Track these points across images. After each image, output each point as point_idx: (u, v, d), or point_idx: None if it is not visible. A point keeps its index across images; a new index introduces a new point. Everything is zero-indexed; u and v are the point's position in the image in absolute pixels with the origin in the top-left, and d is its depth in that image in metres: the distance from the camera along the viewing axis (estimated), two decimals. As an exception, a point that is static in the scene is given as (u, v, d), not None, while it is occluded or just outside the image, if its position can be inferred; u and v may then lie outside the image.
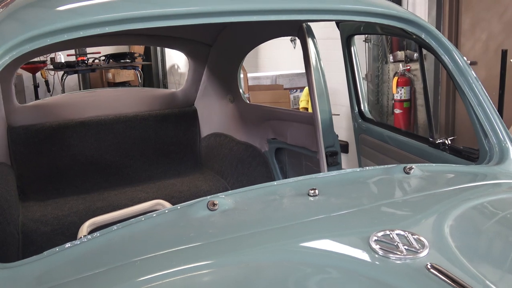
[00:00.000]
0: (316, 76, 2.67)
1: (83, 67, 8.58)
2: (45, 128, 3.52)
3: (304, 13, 1.83)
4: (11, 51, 1.38)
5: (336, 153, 2.72)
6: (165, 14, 1.57)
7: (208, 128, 3.96)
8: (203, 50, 3.70)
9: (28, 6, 1.70)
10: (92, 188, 3.60)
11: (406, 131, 3.00)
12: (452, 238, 1.19)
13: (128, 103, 3.83)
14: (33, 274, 1.19)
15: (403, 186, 1.55)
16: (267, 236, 1.23)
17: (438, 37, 1.92)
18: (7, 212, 2.90)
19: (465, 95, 1.91)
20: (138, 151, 3.81)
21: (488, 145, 1.86)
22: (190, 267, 1.13)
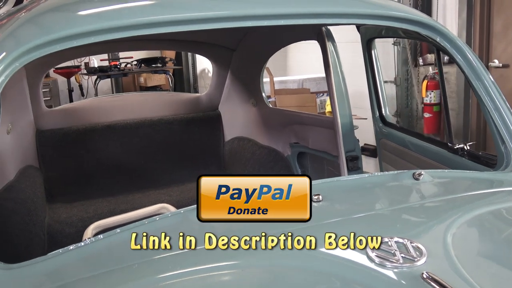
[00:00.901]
0: (336, 80, 2.67)
1: (116, 71, 8.74)
2: (72, 131, 3.61)
3: (322, 17, 1.86)
4: (28, 53, 1.42)
5: (356, 158, 2.70)
6: (189, 19, 1.62)
7: (231, 132, 3.98)
8: (226, 55, 3.73)
9: (50, 11, 1.75)
10: (117, 191, 3.67)
11: (425, 135, 2.95)
12: (454, 246, 1.17)
13: (153, 107, 3.89)
14: (36, 274, 1.23)
15: (410, 193, 1.53)
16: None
17: (453, 40, 1.89)
18: (33, 213, 2.98)
19: (482, 99, 1.87)
20: (162, 154, 3.86)
21: (505, 150, 1.82)
22: (187, 271, 1.15)
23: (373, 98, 2.97)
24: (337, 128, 2.66)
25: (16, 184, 2.92)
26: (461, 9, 5.54)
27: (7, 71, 1.36)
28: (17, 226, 2.76)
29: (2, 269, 1.22)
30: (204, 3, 1.78)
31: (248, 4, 1.79)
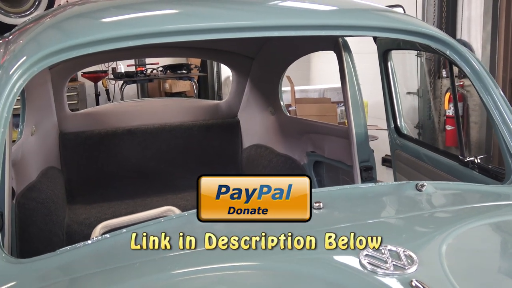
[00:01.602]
0: (351, 91, 2.70)
1: (142, 77, 8.88)
2: (94, 135, 3.70)
3: (337, 29, 1.92)
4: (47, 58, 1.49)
5: (371, 168, 2.72)
6: (210, 28, 1.68)
7: (249, 140, 4.03)
8: (246, 63, 3.78)
9: (72, 17, 1.83)
10: (136, 194, 3.74)
11: (439, 148, 2.95)
12: (447, 257, 1.19)
13: (173, 113, 3.96)
14: (44, 269, 1.29)
15: (410, 203, 1.55)
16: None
17: (462, 54, 1.90)
18: (53, 213, 3.07)
19: (490, 112, 1.89)
20: (181, 159, 3.92)
21: (513, 164, 1.82)
22: (186, 271, 1.19)
23: (388, 109, 2.99)
24: (352, 138, 2.68)
25: (38, 184, 3.01)
26: (486, 22, 5.51)
27: (26, 75, 1.43)
28: (37, 225, 2.85)
29: (13, 263, 1.29)
30: (225, 13, 1.84)
31: (269, 15, 1.86)
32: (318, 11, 1.97)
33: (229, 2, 2.08)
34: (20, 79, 1.41)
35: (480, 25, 5.59)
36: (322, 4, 2.06)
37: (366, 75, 4.18)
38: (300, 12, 1.94)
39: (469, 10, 5.74)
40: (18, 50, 1.51)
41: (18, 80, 1.41)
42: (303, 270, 1.19)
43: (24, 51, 1.50)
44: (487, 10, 5.48)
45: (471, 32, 5.77)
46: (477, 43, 5.70)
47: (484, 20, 5.52)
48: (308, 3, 2.07)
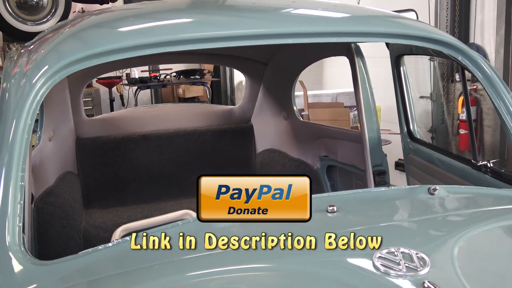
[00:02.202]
0: (364, 95, 2.72)
1: (155, 82, 8.97)
2: (110, 140, 3.75)
3: (350, 35, 1.96)
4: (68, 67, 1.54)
5: (384, 172, 2.74)
6: (225, 36, 1.72)
7: (263, 144, 4.06)
8: (259, 68, 3.82)
9: (91, 27, 1.88)
10: (151, 199, 3.79)
11: (451, 152, 2.96)
12: (459, 259, 1.21)
13: (187, 118, 4.01)
14: (68, 270, 1.33)
15: (423, 207, 1.57)
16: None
17: (474, 59, 1.93)
18: (71, 217, 3.13)
19: (502, 117, 1.90)
20: (195, 164, 3.96)
21: (525, 168, 1.84)
22: (204, 273, 1.23)
23: (401, 113, 3.01)
24: (365, 142, 2.71)
25: (55, 189, 3.07)
26: (499, 26, 5.50)
27: (48, 83, 1.48)
28: (55, 229, 2.90)
29: (37, 265, 1.33)
30: (240, 21, 1.89)
31: (283, 23, 1.90)
32: (331, 18, 2.01)
33: (244, 11, 2.12)
34: (43, 87, 1.47)
35: (494, 29, 5.58)
36: (335, 11, 2.09)
37: (379, 79, 4.20)
38: (313, 19, 1.97)
39: (482, 14, 5.74)
40: (40, 59, 1.57)
41: (41, 88, 1.46)
42: (317, 271, 1.22)
43: (46, 60, 1.55)
44: (500, 14, 5.47)
45: (484, 36, 5.76)
46: (490, 47, 5.69)
47: (497, 24, 5.51)
48: (321, 10, 2.11)
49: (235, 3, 2.48)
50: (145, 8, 2.31)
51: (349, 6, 2.49)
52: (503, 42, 5.47)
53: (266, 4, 2.33)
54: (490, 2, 5.61)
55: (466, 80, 2.36)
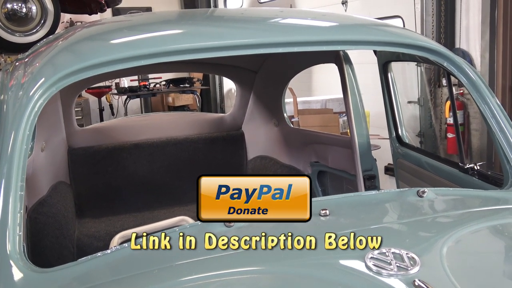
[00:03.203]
0: (353, 101, 2.78)
1: (145, 91, 9.01)
2: (101, 149, 3.77)
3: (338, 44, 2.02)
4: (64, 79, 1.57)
5: (374, 177, 2.78)
6: (216, 46, 1.76)
7: (254, 151, 4.10)
8: (249, 77, 3.87)
9: (84, 40, 1.92)
10: (143, 207, 3.81)
11: (439, 156, 3.02)
12: (447, 258, 1.26)
13: (179, 127, 4.04)
14: (68, 277, 1.36)
15: (412, 209, 1.62)
16: (271, 252, 1.34)
17: (459, 65, 1.98)
18: (64, 227, 3.14)
19: (488, 121, 1.96)
20: (187, 172, 3.98)
21: (510, 170, 1.90)
22: (201, 277, 1.26)
23: (389, 118, 3.06)
24: (355, 147, 2.76)
25: (48, 199, 3.08)
26: (484, 31, 5.59)
27: (45, 95, 1.52)
28: (48, 239, 2.91)
29: (37, 272, 1.36)
30: (231, 32, 1.93)
31: (272, 33, 1.94)
32: (319, 27, 2.06)
33: (233, 21, 2.17)
34: (40, 99, 1.50)
35: (479, 34, 5.68)
36: (323, 21, 2.15)
37: (368, 85, 4.26)
38: (302, 29, 2.02)
39: (467, 20, 5.83)
40: (37, 72, 1.60)
41: (38, 100, 1.49)
42: (311, 273, 1.26)
43: (42, 73, 1.59)
44: (484, 19, 5.57)
45: (469, 41, 5.85)
46: (476, 52, 5.79)
47: (482, 29, 5.61)
48: (309, 19, 2.16)
49: (225, 14, 2.53)
50: (136, 20, 2.35)
51: (337, 15, 2.55)
52: (488, 46, 5.56)
53: (255, 14, 2.38)
54: (475, 8, 5.71)
55: (452, 85, 2.42)
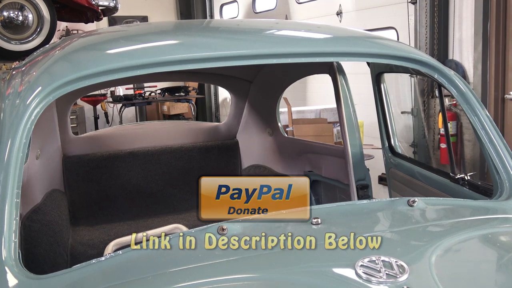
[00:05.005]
0: (346, 112, 2.81)
1: (140, 100, 9.03)
2: (96, 157, 3.79)
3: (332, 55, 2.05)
4: (60, 88, 1.60)
5: (367, 186, 2.81)
6: (212, 57, 1.78)
7: (248, 160, 4.12)
8: (244, 86, 3.90)
9: (80, 49, 1.94)
10: (138, 215, 3.82)
11: (431, 166, 3.06)
12: (436, 266, 1.29)
13: (173, 136, 4.06)
14: (62, 284, 1.38)
15: (402, 218, 1.65)
16: (266, 258, 1.36)
17: (449, 77, 2.02)
18: (58, 235, 3.15)
19: (477, 132, 2.00)
20: (182, 181, 4.00)
21: (499, 181, 1.93)
22: (194, 284, 1.28)
23: (382, 129, 3.10)
24: (348, 157, 2.78)
25: (42, 207, 3.09)
26: (477, 42, 5.66)
27: (42, 104, 1.54)
28: (42, 247, 2.92)
29: (32, 279, 1.37)
30: (226, 43, 1.96)
31: (267, 44, 1.97)
32: (313, 39, 2.10)
33: (229, 32, 2.20)
34: (37, 108, 1.52)
35: (472, 46, 5.74)
36: (318, 33, 2.18)
37: (361, 95, 4.30)
38: (297, 40, 2.06)
39: (460, 31, 5.90)
40: (33, 81, 1.62)
41: (35, 108, 1.51)
42: (301, 280, 1.28)
43: (39, 82, 1.61)
44: (477, 31, 5.63)
45: (462, 53, 5.92)
46: (469, 64, 5.85)
47: (475, 41, 5.67)
48: (304, 31, 2.19)
49: (220, 25, 2.56)
50: (132, 30, 2.38)
51: (331, 27, 2.59)
52: (481, 58, 5.62)
53: (250, 25, 2.41)
54: (468, 20, 5.78)
55: (443, 97, 2.46)
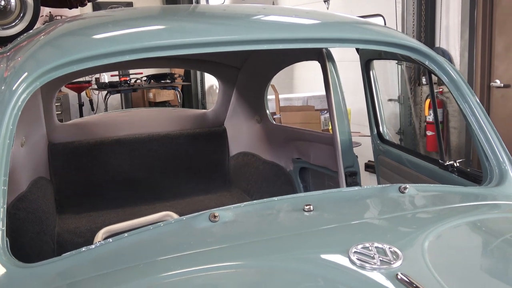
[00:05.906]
0: (335, 99, 2.80)
1: (126, 87, 8.94)
2: (82, 145, 3.74)
3: (321, 42, 2.04)
4: (47, 73, 1.56)
5: (355, 173, 2.81)
6: (200, 43, 1.75)
7: (236, 147, 4.11)
8: (232, 73, 3.87)
9: (66, 34, 1.90)
10: (125, 203, 3.79)
11: (420, 153, 3.06)
12: (429, 252, 1.29)
13: (161, 123, 4.03)
14: (52, 272, 1.36)
15: (394, 204, 1.65)
16: (259, 245, 1.35)
17: (440, 64, 2.02)
18: (44, 223, 3.11)
19: (467, 118, 2.00)
20: (169, 168, 3.98)
21: (489, 167, 1.93)
22: (186, 271, 1.27)
23: (371, 116, 3.10)
24: (337, 144, 2.78)
25: (28, 194, 3.05)
26: (463, 30, 5.67)
27: (28, 89, 1.50)
28: (28, 235, 2.89)
29: (21, 267, 1.35)
30: (215, 28, 1.93)
31: (256, 29, 1.95)
32: (303, 25, 2.08)
33: (215, 18, 2.17)
34: (23, 93, 1.49)
35: (458, 34, 5.76)
36: (306, 18, 2.16)
37: (349, 83, 4.30)
38: (285, 26, 2.03)
39: (447, 19, 5.91)
40: (19, 67, 1.58)
41: (21, 94, 1.48)
42: (296, 267, 1.28)
43: (25, 68, 1.57)
44: (464, 19, 5.65)
45: (449, 41, 5.93)
46: (455, 51, 5.87)
47: (462, 29, 5.69)
48: (292, 17, 2.17)
49: (207, 10, 2.52)
50: (119, 15, 2.34)
51: (320, 13, 2.57)
52: (467, 46, 5.64)
53: (237, 11, 2.38)
54: (455, 8, 5.79)
55: (433, 84, 2.46)
